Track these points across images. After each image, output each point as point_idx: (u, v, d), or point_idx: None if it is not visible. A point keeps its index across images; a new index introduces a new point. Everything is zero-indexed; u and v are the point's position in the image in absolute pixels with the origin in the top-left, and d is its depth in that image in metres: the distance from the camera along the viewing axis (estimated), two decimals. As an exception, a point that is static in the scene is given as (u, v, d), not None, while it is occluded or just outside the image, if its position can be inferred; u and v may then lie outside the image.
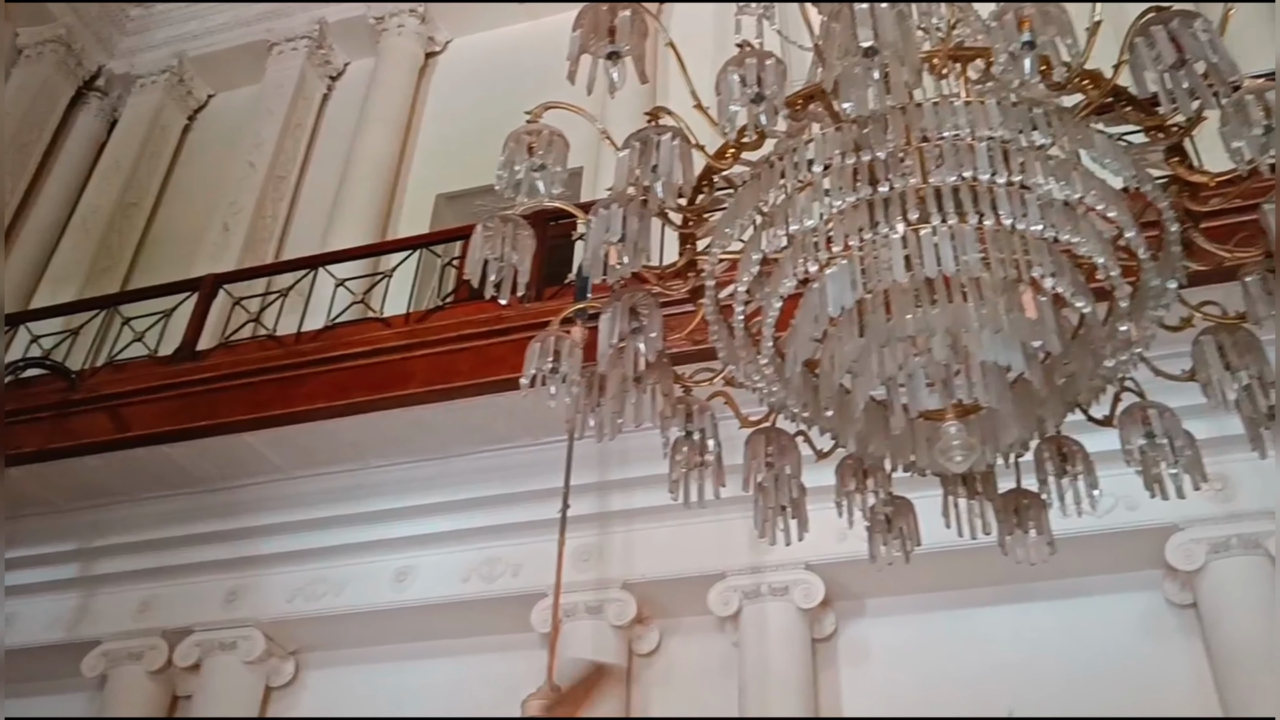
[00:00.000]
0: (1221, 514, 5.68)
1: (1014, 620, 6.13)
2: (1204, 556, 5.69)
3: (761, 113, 2.21)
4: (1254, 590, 5.57)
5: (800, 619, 6.25)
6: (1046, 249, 2.19)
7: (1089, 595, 6.07)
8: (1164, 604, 5.94)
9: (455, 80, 10.47)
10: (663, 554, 6.40)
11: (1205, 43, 2.02)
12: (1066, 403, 2.49)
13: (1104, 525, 5.62)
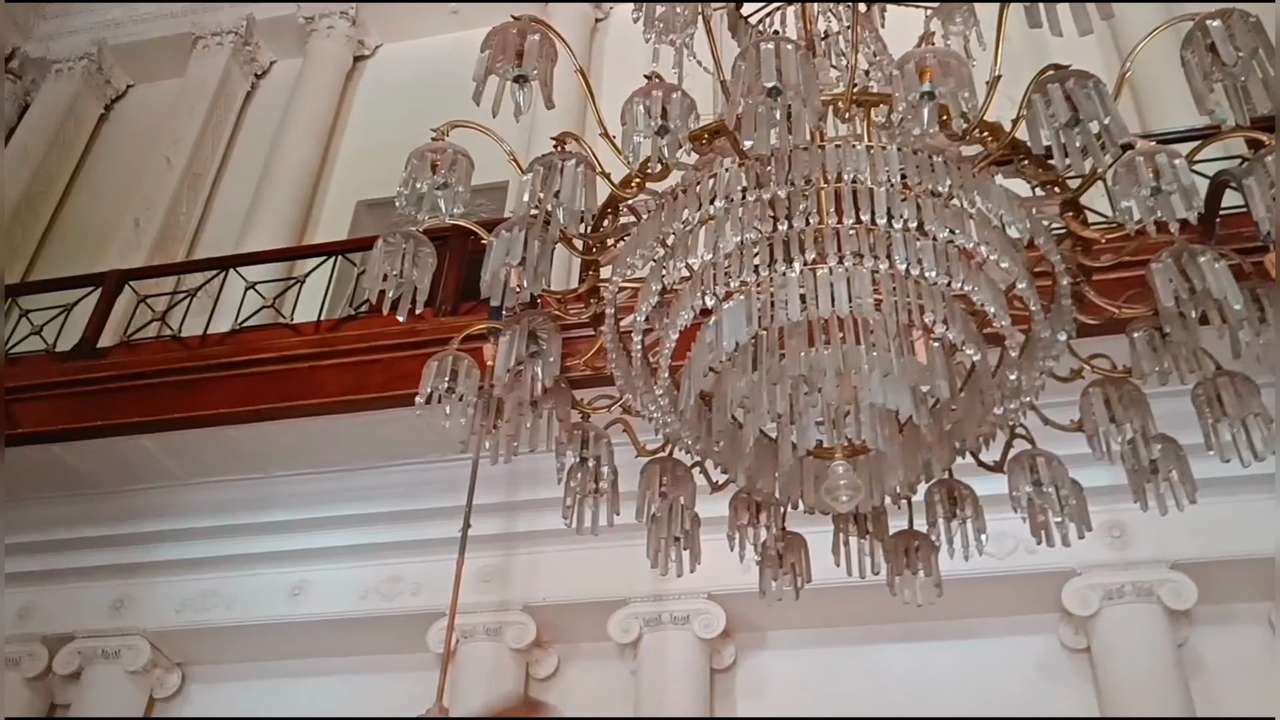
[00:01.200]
0: (1118, 561, 5.82)
1: (912, 659, 6.21)
2: (1099, 602, 5.82)
3: (665, 145, 2.24)
4: (1145, 637, 5.71)
5: (700, 649, 6.28)
6: (940, 295, 2.23)
7: (987, 636, 6.17)
8: (1059, 647, 6.07)
9: (383, 86, 10.40)
10: (566, 578, 6.38)
11: (1098, 103, 2.08)
12: (954, 448, 2.54)
13: (1004, 568, 5.73)
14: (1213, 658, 5.77)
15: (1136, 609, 5.77)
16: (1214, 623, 5.82)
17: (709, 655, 6.33)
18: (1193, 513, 5.43)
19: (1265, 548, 5.69)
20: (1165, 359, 2.51)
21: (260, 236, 8.93)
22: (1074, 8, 2.02)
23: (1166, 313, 2.33)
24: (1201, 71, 2.12)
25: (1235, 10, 2.13)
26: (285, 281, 7.84)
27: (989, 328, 2.40)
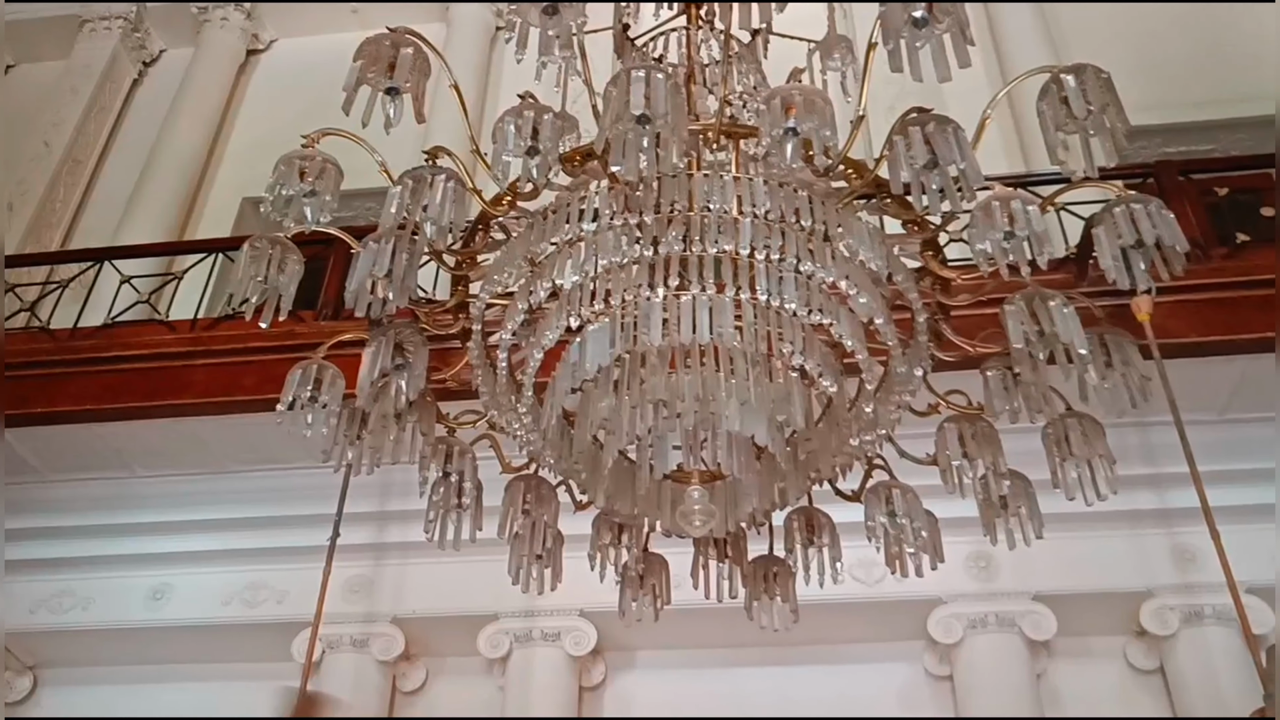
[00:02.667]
0: (982, 591, 5.99)
1: (779, 682, 6.30)
2: (962, 631, 5.98)
3: (534, 166, 2.26)
4: (1005, 666, 5.89)
5: (569, 666, 6.29)
6: (799, 327, 2.29)
7: (854, 662, 6.29)
8: (923, 674, 6.21)
9: (276, 82, 10.25)
10: (436, 591, 6.34)
11: (956, 148, 2.16)
12: (809, 477, 2.59)
13: (872, 594, 5.87)
14: (1069, 690, 5.97)
15: (998, 639, 5.94)
16: (1072, 655, 6.02)
17: (578, 673, 6.35)
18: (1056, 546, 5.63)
19: (1124, 583, 5.93)
20: (1016, 398, 2.60)
21: (140, 229, 8.72)
22: (935, 55, 2.09)
23: (1017, 354, 2.41)
24: (1055, 123, 2.21)
25: (1089, 67, 2.23)
26: (163, 277, 7.66)
27: (851, 358, 2.46)
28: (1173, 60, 8.84)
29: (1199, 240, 6.17)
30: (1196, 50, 8.93)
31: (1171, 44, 8.98)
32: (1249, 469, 5.82)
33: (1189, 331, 5.63)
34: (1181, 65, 8.81)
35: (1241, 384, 5.82)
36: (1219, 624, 5.43)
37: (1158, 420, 5.38)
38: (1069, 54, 8.74)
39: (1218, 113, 8.60)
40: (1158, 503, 5.85)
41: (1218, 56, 8.90)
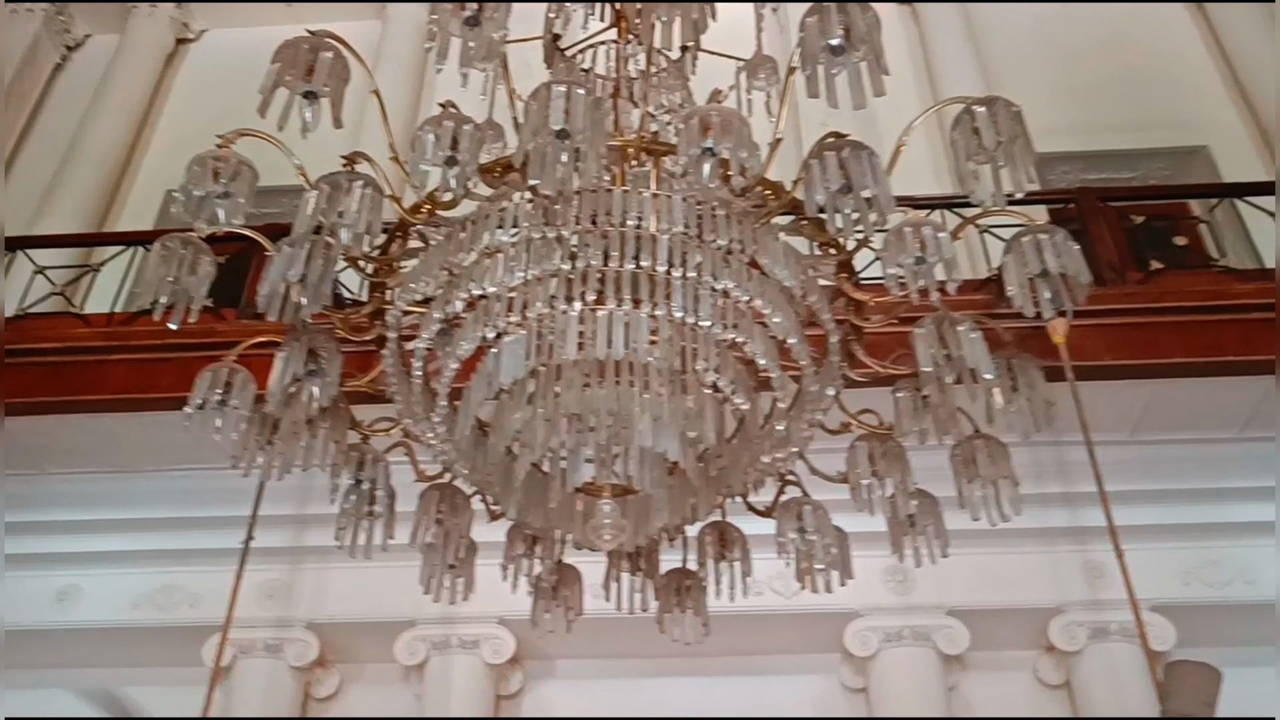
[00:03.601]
0: (899, 605, 6.08)
1: (697, 693, 6.34)
2: (878, 644, 6.07)
3: (453, 176, 2.26)
4: (919, 679, 5.98)
5: (487, 675, 6.27)
6: (714, 344, 2.31)
7: (771, 673, 6.35)
8: (839, 687, 6.29)
9: (206, 74, 10.09)
10: (354, 597, 6.28)
11: (869, 173, 2.20)
12: (720, 492, 2.62)
13: (790, 607, 5.92)
14: (980, 702, 6.08)
15: (913, 652, 6.04)
16: (983, 668, 6.14)
17: (496, 681, 6.33)
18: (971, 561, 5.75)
19: (1035, 598, 6.05)
20: (925, 419, 2.65)
21: (57, 219, 8.54)
22: (851, 82, 2.13)
23: (925, 376, 2.46)
24: (967, 152, 2.27)
25: (1001, 100, 2.28)
26: (80, 269, 7.51)
27: (765, 376, 2.50)
28: (1097, 86, 9.05)
29: (1115, 265, 6.33)
30: (1119, 77, 9.16)
31: (1096, 70, 9.19)
32: (1157, 489, 5.99)
33: (1103, 354, 5.76)
34: (1105, 91, 9.03)
35: (1151, 406, 5.98)
36: (1124, 640, 5.56)
37: (1072, 440, 5.51)
38: (999, 78, 8.94)
39: (1139, 141, 8.81)
40: (1070, 520, 5.99)
41: (1140, 84, 9.12)
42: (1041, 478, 6.03)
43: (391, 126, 2.64)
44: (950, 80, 8.58)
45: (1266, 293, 6.06)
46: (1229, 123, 8.87)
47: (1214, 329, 5.88)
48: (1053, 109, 8.86)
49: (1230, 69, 9.18)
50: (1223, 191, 7.60)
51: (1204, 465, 6.11)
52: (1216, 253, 7.21)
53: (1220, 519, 6.09)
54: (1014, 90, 8.87)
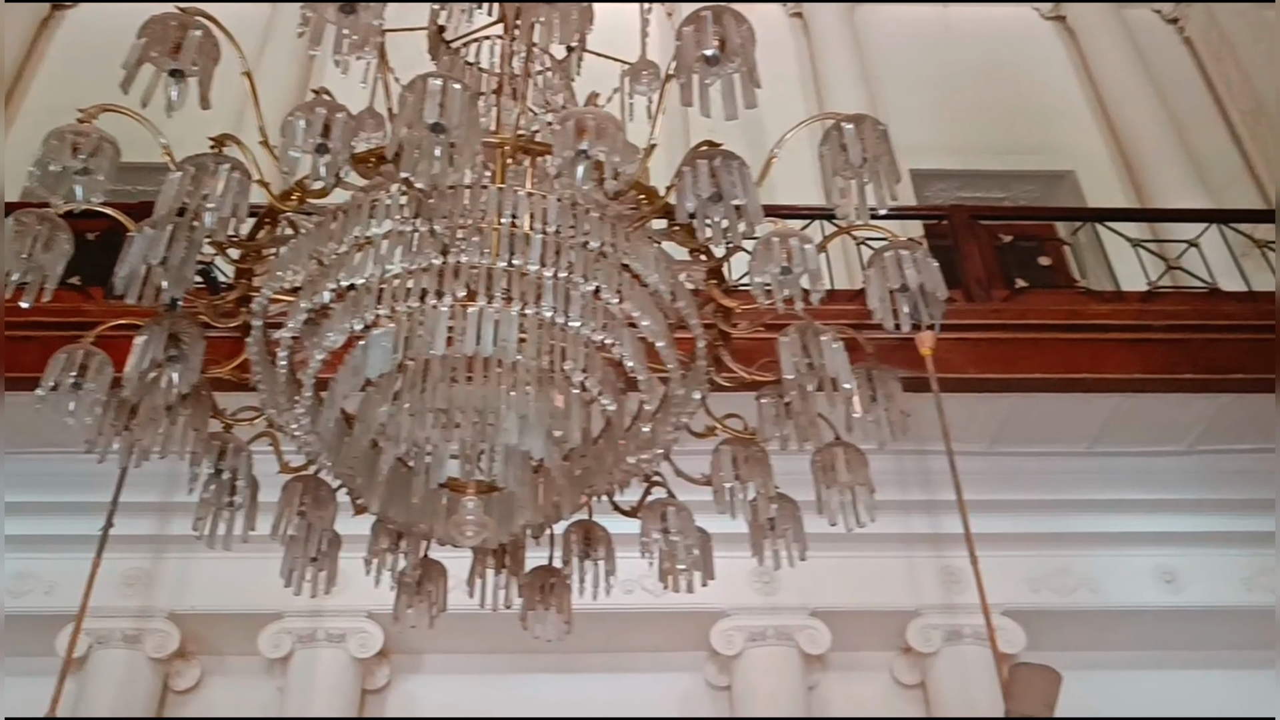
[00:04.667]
0: (764, 605, 6.16)
1: (565, 689, 6.33)
2: (743, 643, 6.13)
3: (323, 164, 2.22)
4: (781, 678, 6.06)
5: (353, 669, 6.17)
6: (583, 345, 2.31)
7: (638, 670, 6.37)
8: (704, 685, 6.33)
9: (83, 43, 9.70)
10: (219, 587, 6.11)
11: (739, 183, 2.22)
12: (584, 492, 2.62)
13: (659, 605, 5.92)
14: (838, 701, 6.20)
15: (776, 651, 6.12)
16: (843, 668, 6.25)
17: (362, 676, 6.23)
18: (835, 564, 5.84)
19: (895, 601, 6.19)
20: (787, 425, 2.69)
21: (-81, 188, 8.14)
22: (724, 93, 2.15)
23: (788, 384, 2.49)
24: (834, 167, 2.30)
25: (869, 118, 2.33)
26: (-60, 242, 7.17)
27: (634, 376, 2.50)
28: (975, 109, 9.30)
29: (983, 282, 6.51)
30: (996, 101, 9.43)
31: (975, 94, 9.45)
32: (1012, 499, 6.18)
33: (968, 367, 5.92)
34: (983, 114, 9.29)
35: (1010, 418, 6.16)
36: (976, 643, 5.71)
37: (935, 449, 5.65)
38: (884, 96, 9.14)
39: (1011, 163, 9.09)
40: (930, 527, 6.13)
41: (1015, 109, 9.41)
42: (905, 485, 6.17)
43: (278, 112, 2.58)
44: (837, 96, 8.72)
45: (1121, 314, 6.31)
46: (1095, 151, 9.21)
47: (1071, 347, 6.09)
48: (933, 128, 9.10)
49: (1099, 100, 9.53)
50: (1087, 216, 7.89)
51: (1056, 478, 6.33)
52: (1078, 274, 7.49)
53: (1069, 529, 6.31)
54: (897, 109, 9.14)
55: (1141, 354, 6.12)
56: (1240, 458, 6.39)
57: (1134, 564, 6.31)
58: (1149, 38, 9.95)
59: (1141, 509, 6.38)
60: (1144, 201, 8.52)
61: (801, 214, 5.45)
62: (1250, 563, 6.33)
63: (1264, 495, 6.34)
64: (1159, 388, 6.11)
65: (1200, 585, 6.29)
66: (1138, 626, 6.31)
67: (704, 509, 2.99)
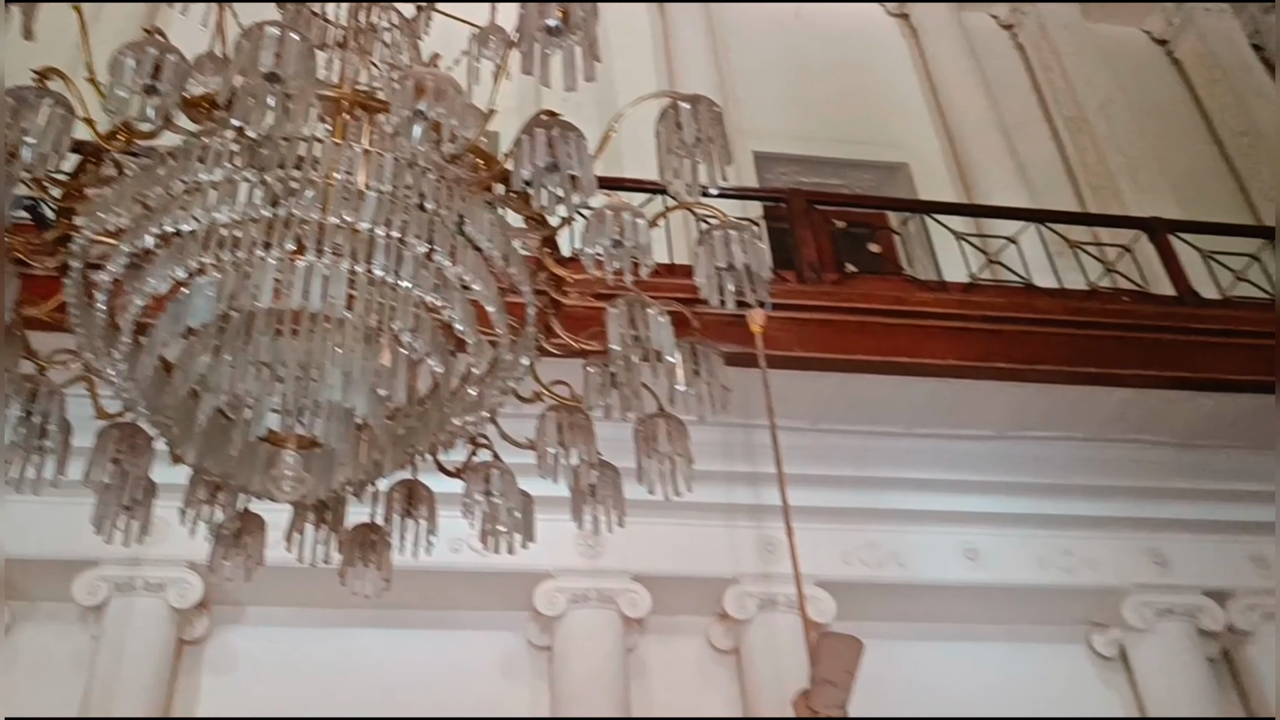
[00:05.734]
0: (588, 568, 6.22)
1: (389, 644, 6.28)
2: (566, 605, 6.18)
3: (152, 106, 2.14)
4: (601, 640, 6.13)
5: (170, 618, 6.00)
6: (412, 305, 2.29)
7: (462, 628, 6.36)
8: (525, 644, 6.37)
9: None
10: (35, 532, 5.82)
11: (575, 154, 2.23)
12: (408, 451, 2.61)
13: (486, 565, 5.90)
14: (654, 663, 6.31)
15: (598, 614, 6.18)
16: (661, 632, 6.37)
17: (179, 626, 6.07)
18: (658, 531, 5.94)
19: (714, 569, 6.33)
20: (612, 395, 2.72)
21: None
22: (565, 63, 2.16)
23: (614, 354, 2.53)
24: (668, 145, 2.33)
25: (705, 99, 2.36)
26: None
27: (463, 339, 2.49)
28: (820, 99, 9.51)
29: (815, 265, 6.68)
30: (841, 92, 9.66)
31: (822, 84, 9.65)
32: (831, 475, 6.39)
33: (796, 346, 6.08)
34: (827, 104, 9.50)
35: (833, 397, 6.35)
36: (789, 611, 5.88)
37: (760, 424, 5.79)
38: (734, 80, 9.25)
39: (850, 153, 9.33)
40: (752, 498, 6.28)
41: (858, 102, 9.66)
42: (730, 457, 6.30)
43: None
44: (691, 77, 8.79)
45: (942, 303, 6.56)
46: (929, 146, 9.52)
47: (894, 332, 6.30)
48: (779, 114, 9.27)
49: (935, 98, 9.85)
50: (917, 208, 8.15)
51: (872, 456, 6.56)
52: (905, 263, 7.75)
53: (881, 506, 6.55)
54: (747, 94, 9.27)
55: (959, 342, 6.37)
56: (1043, 445, 6.74)
57: (940, 541, 6.59)
58: (985, 42, 10.33)
59: (949, 489, 6.67)
60: (971, 197, 8.86)
61: (646, 188, 5.50)
62: (1045, 543, 6.69)
63: (1060, 481, 6.73)
64: (973, 375, 6.38)
65: (999, 563, 6.62)
66: (941, 600, 6.60)
67: (530, 472, 3.02)
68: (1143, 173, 9.15)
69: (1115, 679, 6.73)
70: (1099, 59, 10.17)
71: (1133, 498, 6.81)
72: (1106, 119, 9.57)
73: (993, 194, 8.58)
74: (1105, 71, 10.06)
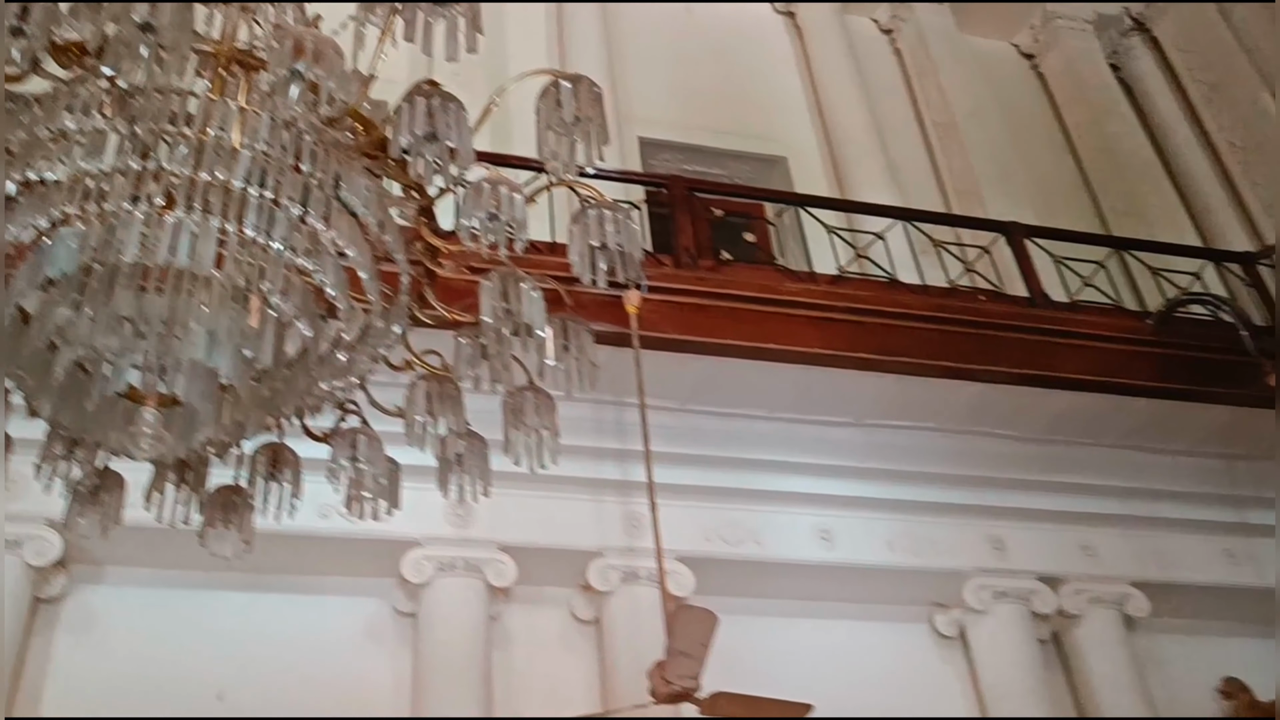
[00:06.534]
0: (457, 537, 6.17)
1: (252, 608, 6.14)
2: (432, 572, 6.13)
3: (18, 49, 2.04)
4: (466, 608, 6.10)
5: (26, 576, 5.76)
6: (282, 268, 2.23)
7: (327, 593, 6.26)
8: (390, 611, 6.29)
9: None
10: (-122, 483, 5.57)
11: (454, 125, 2.20)
12: (272, 413, 2.55)
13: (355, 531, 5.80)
14: (517, 632, 6.31)
15: (464, 582, 6.15)
16: (525, 602, 6.36)
17: (35, 584, 5.84)
18: (528, 503, 5.92)
19: (580, 541, 6.34)
20: (482, 366, 2.70)
21: None
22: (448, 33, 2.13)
23: (486, 327, 2.51)
24: (547, 122, 2.32)
25: (586, 79, 2.35)
26: None
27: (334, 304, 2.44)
28: (707, 90, 9.55)
29: (692, 251, 6.72)
30: (727, 85, 9.72)
31: (709, 76, 9.70)
32: (697, 454, 6.47)
33: (669, 328, 6.12)
34: (713, 96, 9.55)
35: (703, 381, 6.42)
36: (650, 584, 5.93)
37: (633, 402, 5.83)
38: (624, 69, 9.22)
39: (733, 144, 9.40)
40: (620, 474, 6.32)
41: (742, 95, 9.74)
42: (601, 433, 6.33)
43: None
44: (582, 63, 8.72)
45: (811, 294, 6.68)
46: (807, 141, 9.65)
47: (764, 319, 6.39)
48: (667, 103, 9.29)
49: (816, 96, 9.98)
50: (793, 200, 8.26)
51: (738, 438, 6.65)
52: (779, 253, 7.86)
53: (743, 486, 6.65)
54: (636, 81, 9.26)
55: (825, 332, 6.50)
56: (898, 433, 6.93)
57: (796, 522, 6.73)
58: (865, 45, 10.51)
59: (808, 472, 6.81)
60: (843, 193, 9.02)
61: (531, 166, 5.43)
62: (893, 526, 6.88)
63: (911, 468, 6.93)
64: (837, 364, 6.51)
65: (851, 544, 6.78)
66: (795, 578, 6.73)
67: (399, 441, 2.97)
68: (1004, 179, 9.44)
69: (954, 657, 6.97)
70: (971, 69, 10.44)
71: (976, 486, 7.05)
72: (974, 126, 9.84)
73: (864, 191, 8.75)
74: (976, 81, 10.33)
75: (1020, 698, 6.59)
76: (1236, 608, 7.35)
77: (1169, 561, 7.30)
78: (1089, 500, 7.25)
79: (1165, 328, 7.27)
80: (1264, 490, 7.48)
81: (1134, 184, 9.92)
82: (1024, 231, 7.85)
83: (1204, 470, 7.48)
